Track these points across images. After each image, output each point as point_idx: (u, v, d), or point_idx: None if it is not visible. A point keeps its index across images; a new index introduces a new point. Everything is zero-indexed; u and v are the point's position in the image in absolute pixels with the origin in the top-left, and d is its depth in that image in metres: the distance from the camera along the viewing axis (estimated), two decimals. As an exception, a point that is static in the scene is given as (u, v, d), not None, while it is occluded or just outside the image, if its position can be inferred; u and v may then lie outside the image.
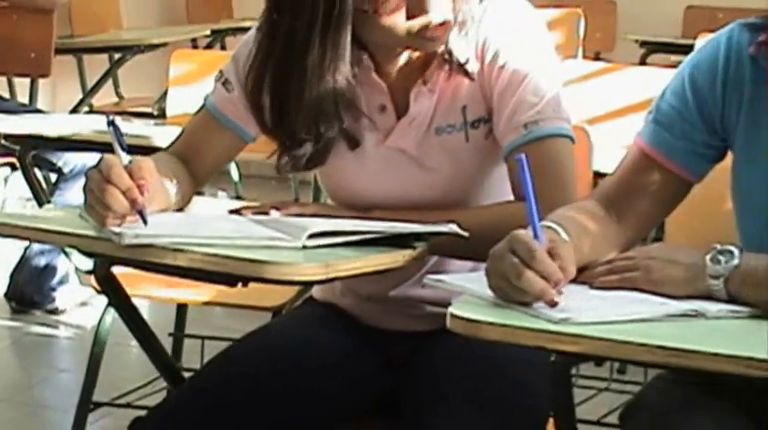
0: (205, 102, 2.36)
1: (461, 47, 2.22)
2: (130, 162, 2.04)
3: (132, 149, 2.12)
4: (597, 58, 7.44)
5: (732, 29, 2.03)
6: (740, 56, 2.00)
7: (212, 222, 2.14)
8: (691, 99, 2.03)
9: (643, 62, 6.69)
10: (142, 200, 2.00)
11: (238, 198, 4.76)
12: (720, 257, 1.83)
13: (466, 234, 2.04)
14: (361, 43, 2.22)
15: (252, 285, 1.99)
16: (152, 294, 3.34)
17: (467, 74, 2.22)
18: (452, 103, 2.25)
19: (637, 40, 6.88)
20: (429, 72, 2.24)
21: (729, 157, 2.07)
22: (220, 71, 2.35)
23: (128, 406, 3.62)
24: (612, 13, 7.83)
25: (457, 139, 2.25)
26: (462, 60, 2.22)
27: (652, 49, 6.78)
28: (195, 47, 6.87)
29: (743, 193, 2.05)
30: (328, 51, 2.14)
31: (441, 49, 2.21)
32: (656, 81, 2.14)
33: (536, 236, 1.77)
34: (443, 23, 2.17)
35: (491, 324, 1.67)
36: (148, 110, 6.34)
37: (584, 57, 6.50)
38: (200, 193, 2.76)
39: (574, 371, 3.63)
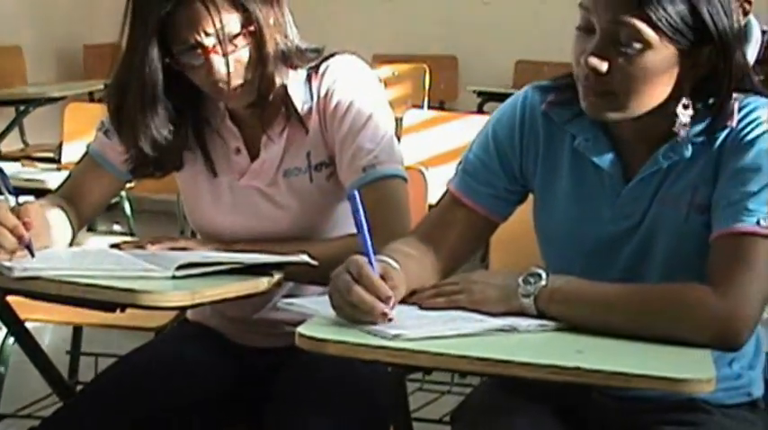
0: (88, 148, 2.37)
1: (300, 100, 2.24)
2: (18, 204, 2.03)
3: (30, 191, 2.11)
4: (442, 106, 7.51)
5: (527, 91, 2.06)
6: (534, 113, 2.03)
7: (94, 256, 2.12)
8: (493, 151, 2.05)
9: (480, 109, 6.74)
10: (28, 236, 1.99)
11: (131, 234, 4.73)
12: (531, 279, 1.85)
13: (316, 263, 2.05)
14: None
15: (135, 310, 1.97)
16: (48, 318, 3.27)
17: (304, 125, 2.24)
18: (298, 148, 2.27)
19: (474, 91, 6.94)
20: (267, 122, 2.26)
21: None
22: (102, 122, 2.37)
23: (29, 416, 3.57)
24: (455, 66, 7.88)
25: (302, 181, 2.27)
26: (302, 112, 2.24)
27: (487, 98, 6.80)
28: (92, 99, 6.80)
29: (544, 230, 2.07)
30: (147, 109, 2.19)
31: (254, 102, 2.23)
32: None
33: (370, 262, 1.78)
34: (240, 85, 2.18)
35: (332, 341, 1.67)
36: (51, 155, 6.26)
37: (431, 105, 6.56)
38: (92, 229, 2.73)
39: (420, 376, 3.67)
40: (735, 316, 1.76)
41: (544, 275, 1.84)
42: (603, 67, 1.82)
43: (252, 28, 2.16)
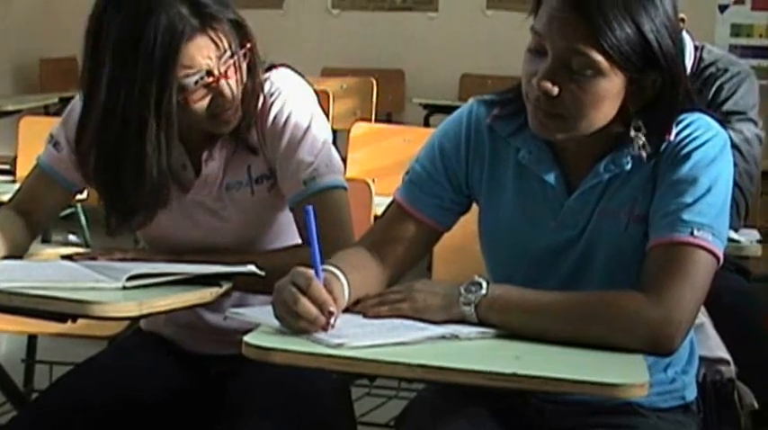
0: (38, 161, 2.36)
1: (244, 121, 2.23)
2: None
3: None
4: (389, 118, 7.53)
5: (472, 104, 2.07)
6: (479, 126, 2.04)
7: (46, 267, 2.11)
8: (439, 163, 2.06)
9: (426, 122, 6.76)
10: None
11: (87, 244, 4.69)
12: (472, 288, 1.85)
13: (262, 273, 2.04)
14: None
15: (88, 320, 1.95)
16: (3, 327, 3.23)
17: (251, 150, 2.25)
18: (239, 163, 2.27)
19: (421, 103, 6.95)
20: (210, 139, 2.26)
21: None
22: (51, 134, 2.35)
23: (-15, 425, 3.53)
24: (401, 80, 7.91)
25: (244, 194, 2.27)
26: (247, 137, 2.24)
27: (433, 111, 6.81)
28: (48, 113, 6.76)
29: (488, 239, 2.08)
30: (162, 139, 2.11)
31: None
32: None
33: (317, 274, 1.78)
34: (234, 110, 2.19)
35: (277, 350, 1.67)
36: (7, 167, 6.20)
37: (378, 118, 6.56)
38: (47, 241, 2.71)
39: (367, 382, 3.67)
40: (668, 322, 1.78)
41: (485, 284, 1.85)
42: (555, 91, 1.84)
43: (249, 45, 2.18)
